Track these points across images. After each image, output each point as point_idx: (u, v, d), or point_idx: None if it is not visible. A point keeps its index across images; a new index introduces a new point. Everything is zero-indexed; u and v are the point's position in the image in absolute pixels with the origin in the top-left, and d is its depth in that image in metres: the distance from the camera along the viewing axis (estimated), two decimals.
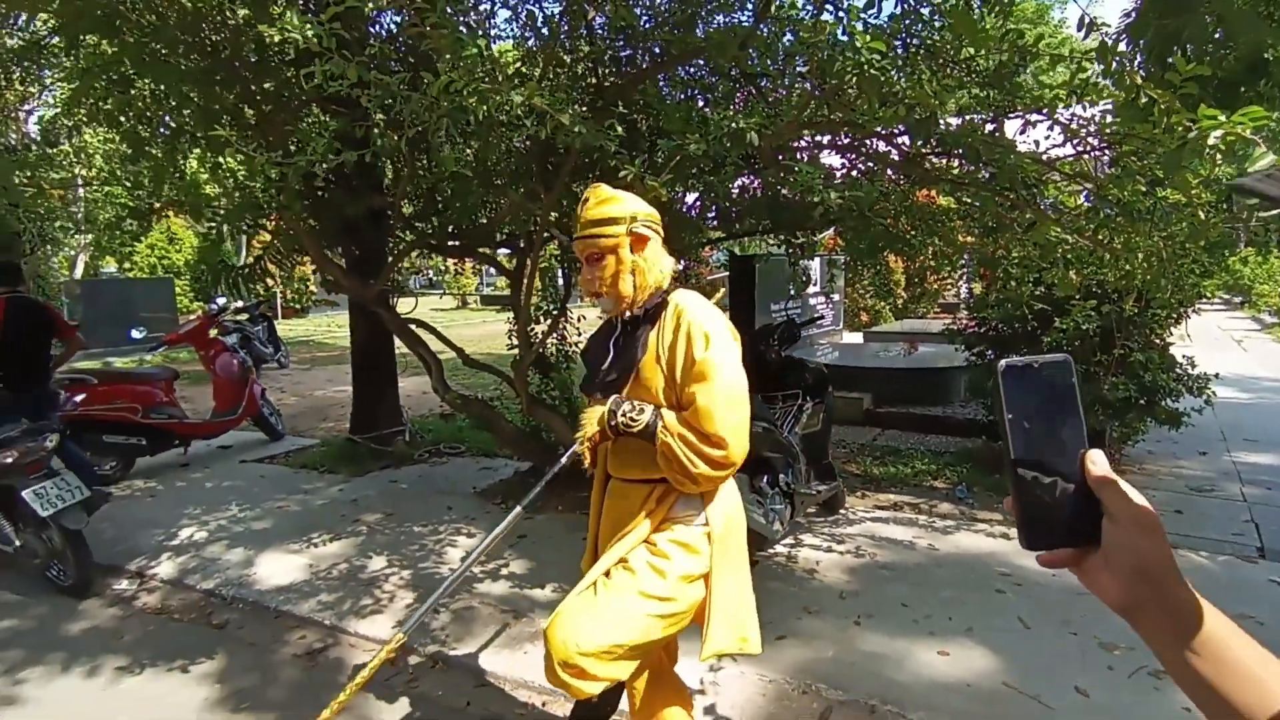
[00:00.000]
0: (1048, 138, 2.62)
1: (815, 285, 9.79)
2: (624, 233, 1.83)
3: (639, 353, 1.86)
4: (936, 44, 2.89)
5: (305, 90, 4.57)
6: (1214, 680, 0.57)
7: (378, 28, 4.39)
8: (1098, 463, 0.60)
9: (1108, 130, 2.64)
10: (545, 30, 4.03)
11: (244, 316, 10.89)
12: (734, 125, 2.32)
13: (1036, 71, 3.01)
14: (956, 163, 3.28)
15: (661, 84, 4.46)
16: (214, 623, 3.47)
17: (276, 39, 1.96)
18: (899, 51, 2.61)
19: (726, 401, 1.71)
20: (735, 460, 1.74)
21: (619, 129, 2.95)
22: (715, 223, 5.00)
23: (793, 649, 2.93)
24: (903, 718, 2.50)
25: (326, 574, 3.80)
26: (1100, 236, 2.58)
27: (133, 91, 4.20)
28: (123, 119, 4.36)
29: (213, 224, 4.77)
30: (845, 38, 2.20)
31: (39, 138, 4.13)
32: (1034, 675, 2.70)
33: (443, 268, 20.77)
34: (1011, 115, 3.03)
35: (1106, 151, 2.85)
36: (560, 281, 5.21)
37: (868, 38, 2.11)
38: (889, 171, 3.46)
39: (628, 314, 1.90)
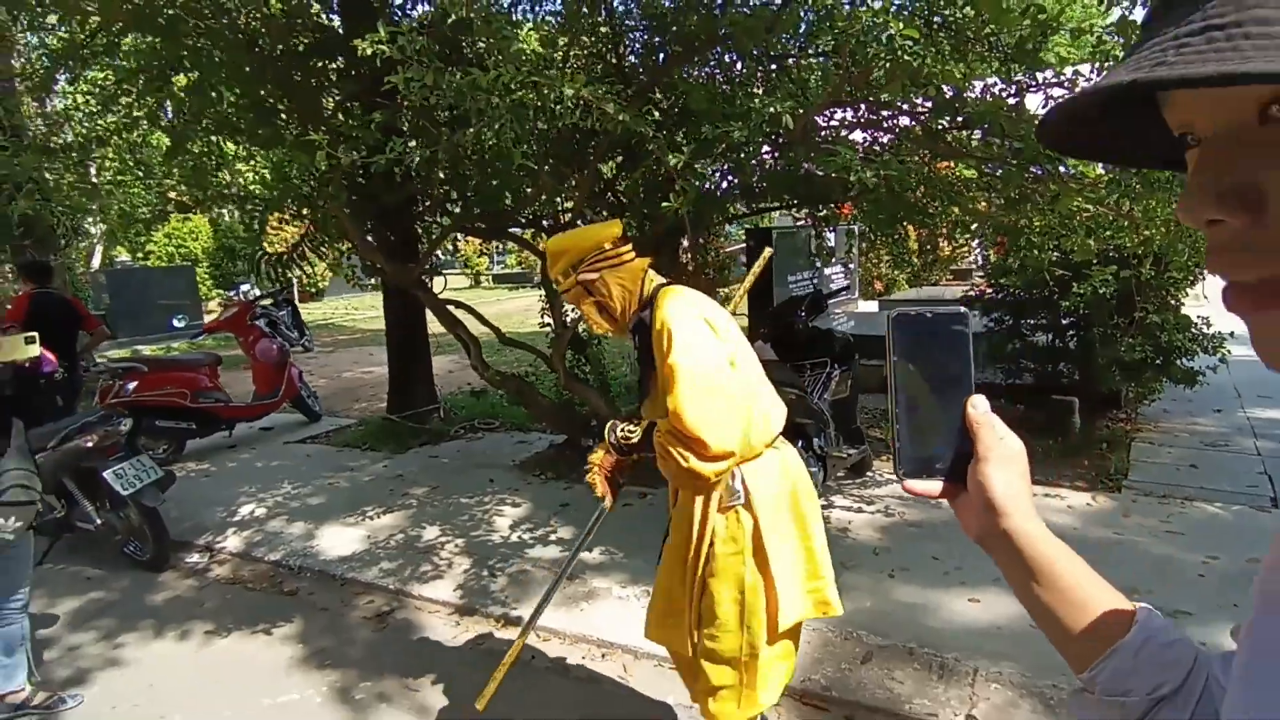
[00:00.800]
0: None
1: (835, 259, 9.92)
2: (573, 287, 1.96)
3: (651, 363, 1.91)
4: (959, 21, 3.00)
5: (338, 83, 4.74)
6: (1052, 606, 0.61)
7: (406, 17, 4.51)
8: (978, 406, 0.62)
9: None
10: (564, 12, 4.15)
11: (268, 302, 11.15)
12: (771, 110, 2.46)
13: (1057, 45, 3.11)
14: (979, 135, 3.41)
15: (684, 67, 4.58)
16: (285, 590, 3.71)
17: (367, 51, 2.10)
18: (925, 32, 2.72)
19: (691, 399, 1.70)
20: (718, 449, 1.70)
21: (656, 114, 3.11)
22: (740, 198, 5.12)
23: None
24: (939, 658, 2.70)
25: (385, 544, 4.03)
26: (1120, 205, 2.71)
27: (172, 88, 4.36)
28: (160, 115, 4.53)
29: (255, 214, 4.96)
30: (876, 24, 2.32)
31: (76, 143, 4.27)
32: None
33: (454, 249, 20.93)
34: (1033, 88, 3.15)
35: None
36: None
37: (900, 25, 2.24)
38: (911, 145, 3.58)
39: (630, 334, 2.01)
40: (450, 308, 4.91)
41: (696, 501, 1.90)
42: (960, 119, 2.91)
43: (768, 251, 2.44)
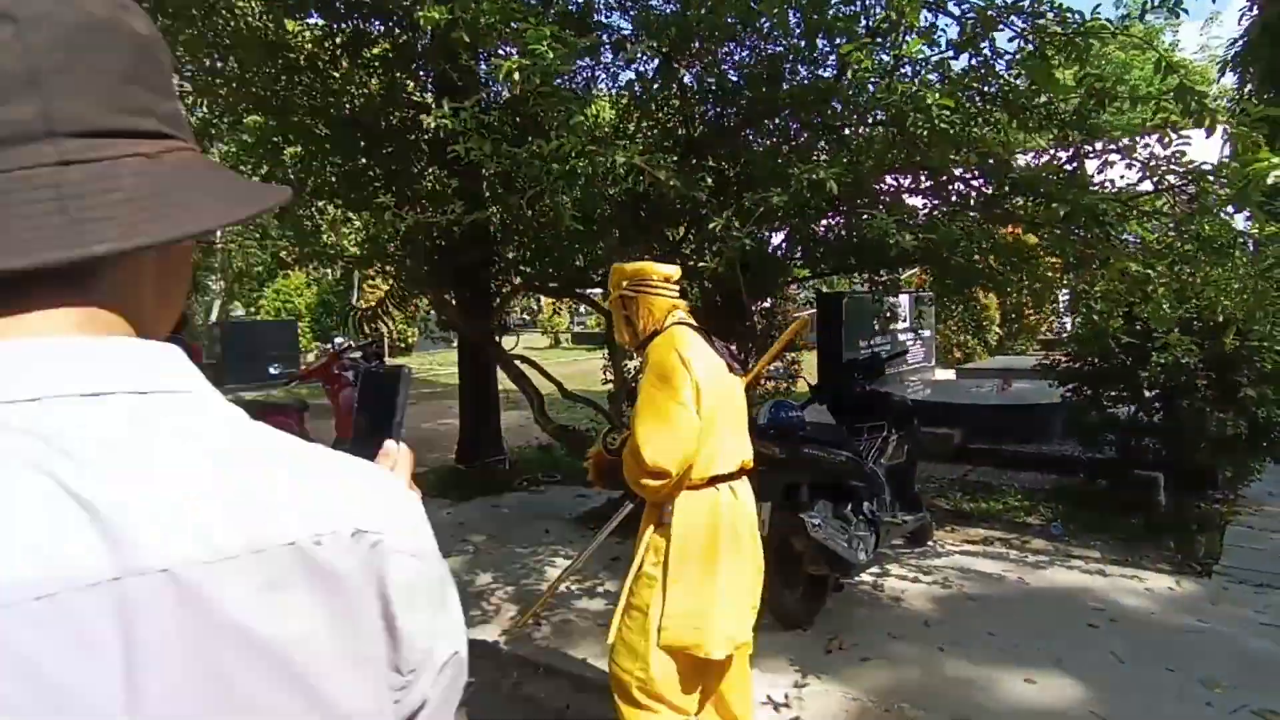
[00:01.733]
0: (1123, 178, 2.72)
1: (904, 321, 9.76)
2: (616, 297, 2.32)
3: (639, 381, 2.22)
4: (1011, 93, 3.05)
5: (428, 154, 5.16)
6: None
7: (490, 96, 4.92)
8: (388, 451, 0.69)
9: (1186, 166, 2.73)
10: (639, 88, 4.43)
11: (358, 354, 11.87)
12: (814, 176, 2.56)
13: (1112, 117, 3.10)
14: (1032, 201, 3.40)
15: (749, 134, 4.77)
16: None
17: (432, 124, 2.36)
18: (975, 101, 2.79)
19: (643, 419, 2.02)
20: (653, 465, 1.97)
21: (709, 180, 3.26)
22: (801, 262, 5.20)
23: (876, 670, 3.03)
24: None
25: None
26: (1178, 270, 2.64)
27: (282, 158, 4.87)
28: (273, 180, 5.04)
29: (346, 270, 5.39)
30: (915, 95, 2.41)
31: None
32: (1126, 709, 2.70)
33: (536, 308, 21.71)
34: (1090, 154, 3.14)
35: (1188, 187, 2.92)
36: None
37: (937, 95, 2.31)
38: (969, 212, 3.59)
39: (639, 350, 2.30)
40: (517, 363, 5.14)
41: (647, 517, 2.18)
42: (1008, 185, 2.92)
43: (803, 317, 2.51)
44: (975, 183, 3.36)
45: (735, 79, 4.33)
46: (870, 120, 3.94)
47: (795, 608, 3.43)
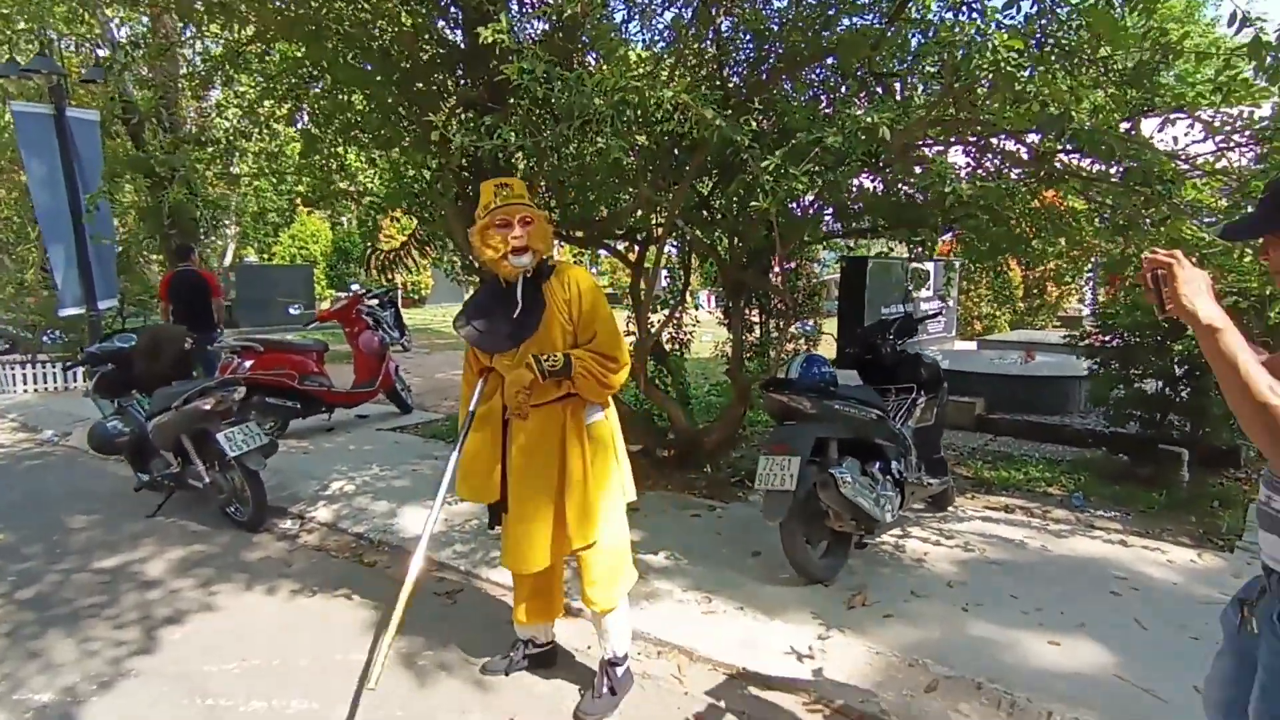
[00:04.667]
0: (1187, 134, 2.61)
1: (929, 289, 9.63)
2: (539, 209, 2.48)
3: (542, 303, 2.39)
4: (1072, 43, 2.92)
5: (455, 93, 5.04)
6: None
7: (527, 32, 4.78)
8: None
9: (1256, 126, 2.62)
10: (672, 34, 4.29)
11: (374, 301, 11.84)
12: (868, 120, 2.46)
13: (1179, 70, 2.97)
14: (1087, 160, 3.28)
15: (787, 85, 4.62)
16: (365, 561, 3.91)
17: (489, 38, 2.27)
18: (1034, 50, 2.67)
19: (616, 330, 2.43)
20: (627, 364, 2.44)
21: (753, 123, 3.16)
22: (833, 222, 5.10)
23: (900, 627, 3.03)
24: (1009, 696, 2.57)
25: (460, 528, 4.18)
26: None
27: (310, 92, 4.76)
28: (297, 116, 4.94)
29: (368, 211, 5.32)
30: (980, 38, 2.30)
31: (223, 135, 4.70)
32: (1149, 672, 2.70)
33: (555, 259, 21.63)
34: (1149, 114, 3.02)
35: (1253, 149, 2.81)
36: (677, 274, 5.45)
37: (1004, 36, 2.21)
38: (1015, 171, 3.49)
39: (528, 272, 2.41)
40: None
41: (564, 426, 2.44)
42: (1066, 138, 2.81)
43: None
44: (1028, 138, 3.25)
45: (775, 22, 4.18)
46: (918, 70, 3.82)
47: (817, 563, 3.43)
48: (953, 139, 3.56)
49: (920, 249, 4.72)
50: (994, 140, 3.55)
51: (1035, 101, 2.40)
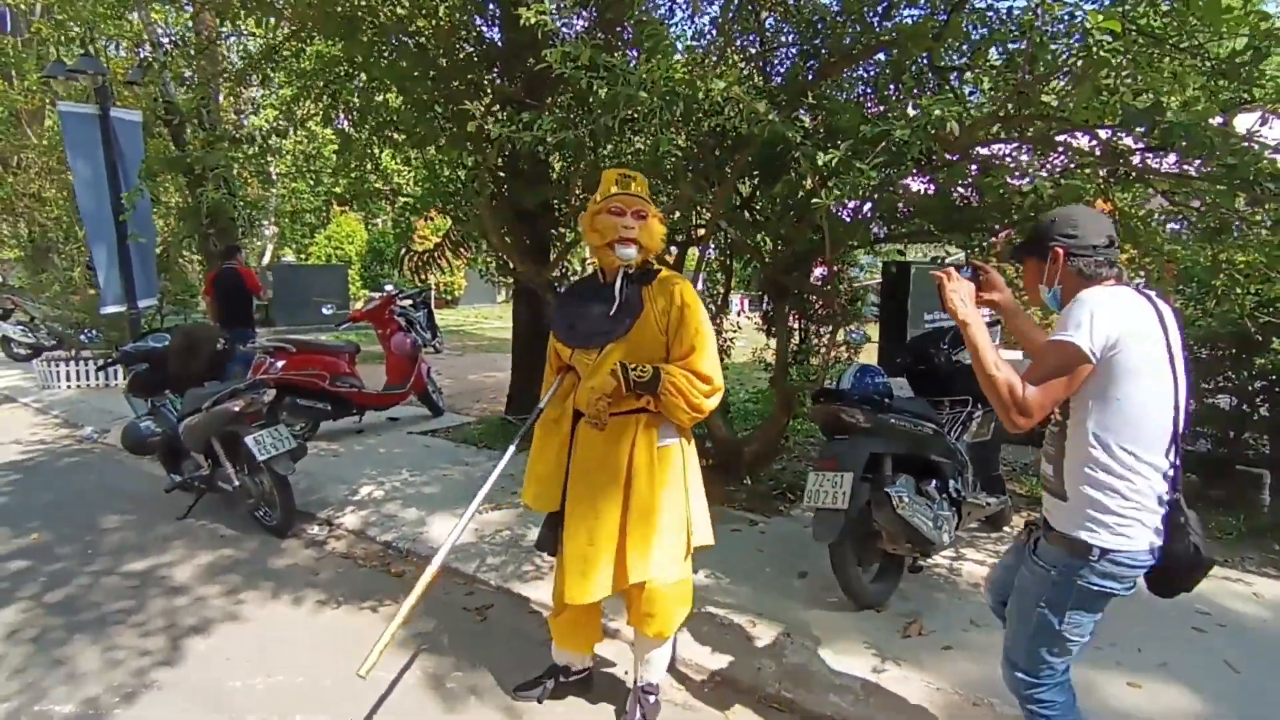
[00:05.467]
0: None
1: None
2: (656, 209, 2.31)
3: (640, 306, 2.24)
4: (1160, 28, 2.67)
5: (492, 92, 4.93)
6: None
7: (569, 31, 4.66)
8: None
9: None
10: (712, 33, 4.11)
11: (408, 302, 11.84)
12: (937, 112, 2.26)
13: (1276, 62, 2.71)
14: (1172, 158, 3.03)
15: (834, 84, 4.42)
16: (393, 571, 3.78)
17: (531, 20, 2.13)
18: (1131, 34, 2.43)
19: (714, 357, 2.26)
20: (719, 387, 2.26)
21: (805, 120, 2.97)
22: (881, 224, 4.87)
23: (961, 660, 2.80)
24: None
25: (491, 539, 4.04)
26: None
27: (347, 89, 4.68)
28: (333, 114, 4.86)
29: (403, 212, 5.23)
30: (1071, 18, 2.09)
31: (259, 134, 4.63)
32: None
33: (589, 259, 21.61)
34: (1245, 107, 2.76)
35: None
36: (720, 275, 5.27)
37: (1099, 16, 2.00)
38: (1084, 170, 3.24)
39: (632, 269, 2.27)
40: None
41: (633, 443, 2.25)
42: (1154, 136, 2.57)
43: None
44: (1103, 134, 3.01)
45: (818, 21, 3.98)
46: (981, 65, 3.59)
47: (869, 587, 3.21)
48: (1014, 136, 3.32)
49: (979, 252, 4.46)
50: (1061, 137, 3.30)
51: (1128, 91, 2.17)
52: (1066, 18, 2.16)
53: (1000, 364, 1.71)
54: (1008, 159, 3.66)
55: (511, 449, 2.41)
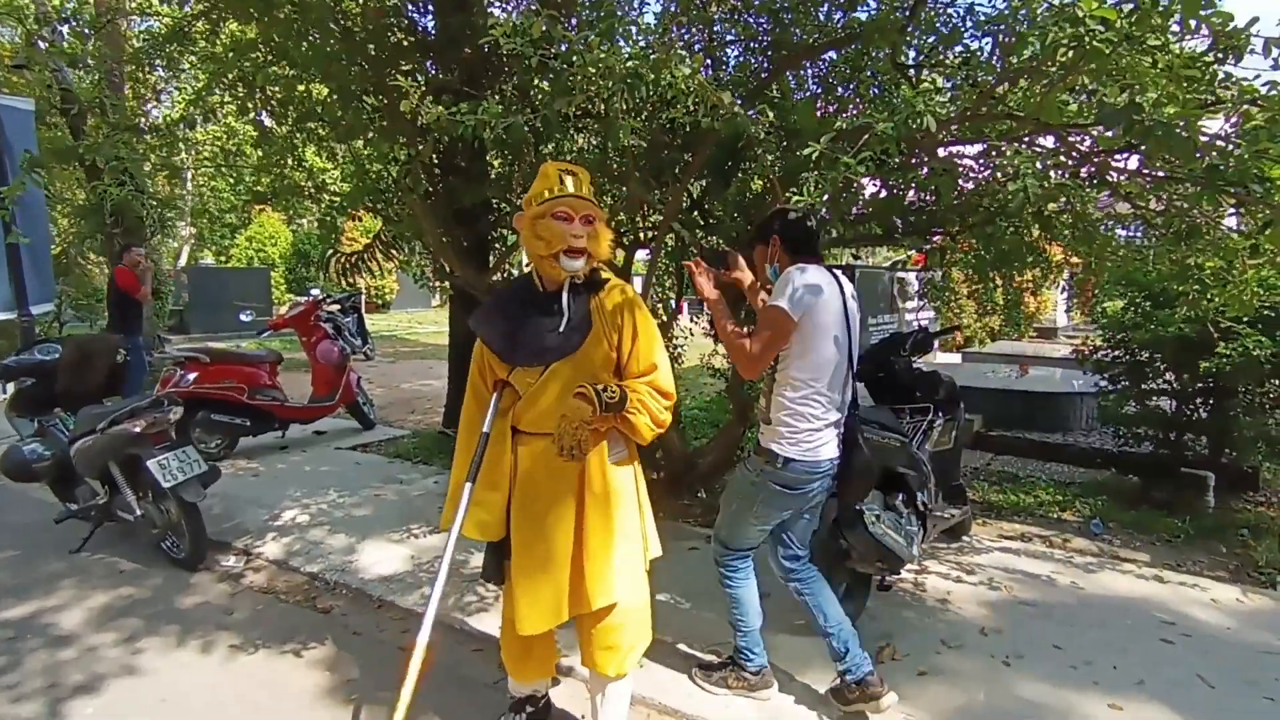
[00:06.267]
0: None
1: (914, 300, 9.38)
2: (603, 211, 2.11)
3: (590, 321, 2.04)
4: (1130, 26, 2.59)
5: (427, 84, 4.60)
6: None
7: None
8: None
9: None
10: (659, 24, 3.91)
11: (335, 307, 11.21)
12: (919, 105, 2.10)
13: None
14: (1135, 160, 2.97)
15: (790, 80, 4.28)
16: (319, 606, 3.42)
17: None
18: (1127, 24, 2.32)
19: (668, 363, 2.13)
20: (674, 400, 2.14)
21: (770, 114, 2.78)
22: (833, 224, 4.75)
23: (938, 687, 2.66)
24: None
25: (429, 567, 3.72)
26: None
27: (264, 77, 4.27)
28: (250, 105, 4.44)
29: (328, 212, 4.83)
30: (1059, 7, 1.96)
31: (164, 124, 4.19)
32: None
33: (526, 261, 21.20)
34: (1211, 106, 2.70)
35: None
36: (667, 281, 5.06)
37: (1094, 4, 1.87)
38: (1053, 172, 3.16)
39: (578, 279, 2.06)
40: None
41: (587, 464, 2.05)
42: (1132, 135, 2.48)
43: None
44: (1071, 137, 2.92)
45: (781, 10, 3.82)
46: (942, 62, 3.49)
47: None
48: (983, 136, 3.22)
49: (934, 255, 4.39)
50: (1027, 137, 3.21)
51: (1113, 87, 2.06)
52: (1046, 7, 2.03)
53: (737, 330, 2.37)
54: (968, 160, 3.56)
55: (469, 487, 2.11)
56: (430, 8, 4.96)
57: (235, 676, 2.82)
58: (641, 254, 4.97)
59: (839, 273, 2.40)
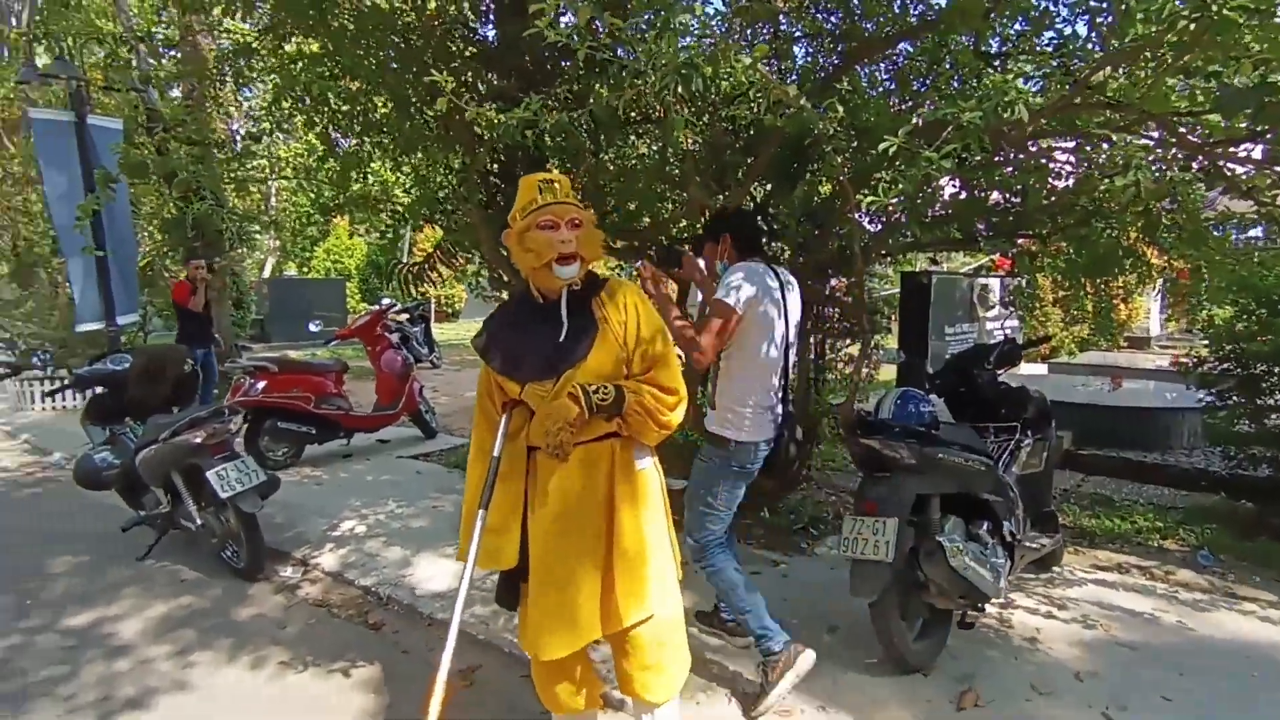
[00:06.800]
0: None
1: (995, 308, 8.87)
2: (590, 213, 2.03)
3: (594, 324, 1.96)
4: None
5: (485, 95, 4.55)
6: None
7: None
8: None
9: None
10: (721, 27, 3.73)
11: (404, 317, 11.40)
12: (1012, 93, 1.87)
13: None
14: (1259, 151, 2.63)
15: (861, 75, 4.03)
16: (370, 622, 3.36)
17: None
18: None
19: (675, 358, 2.06)
20: (685, 399, 2.04)
21: (839, 109, 2.57)
22: (908, 230, 4.47)
23: None
24: None
25: (480, 583, 3.60)
26: None
27: (324, 88, 4.29)
28: (317, 118, 4.48)
29: (392, 222, 4.84)
30: None
31: (241, 138, 4.26)
32: None
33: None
34: None
35: None
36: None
37: None
38: (1162, 168, 2.85)
39: (575, 285, 1.98)
40: None
41: (611, 471, 1.99)
42: (1262, 119, 2.17)
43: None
44: (1180, 128, 2.61)
45: (831, 16, 3.60)
46: (1030, 50, 3.19)
47: (913, 648, 2.78)
48: (1079, 128, 2.92)
49: (1022, 259, 4.06)
50: (1129, 129, 2.90)
51: (1248, 64, 1.78)
52: None
53: (684, 322, 2.56)
54: (1060, 156, 3.26)
55: (482, 513, 1.99)
56: (490, 17, 4.93)
57: (285, 695, 2.77)
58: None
59: (781, 269, 2.66)
